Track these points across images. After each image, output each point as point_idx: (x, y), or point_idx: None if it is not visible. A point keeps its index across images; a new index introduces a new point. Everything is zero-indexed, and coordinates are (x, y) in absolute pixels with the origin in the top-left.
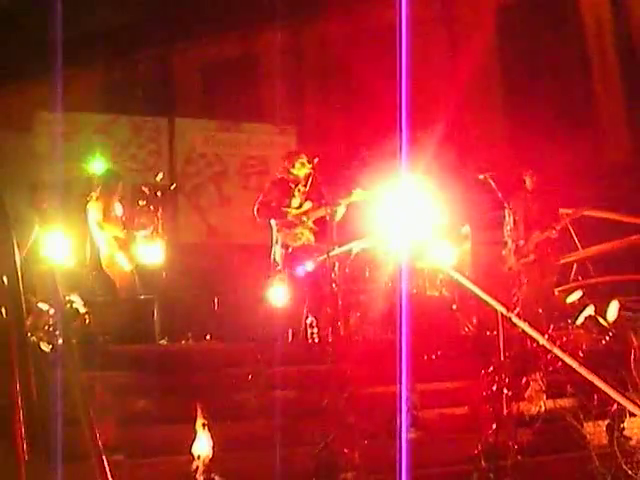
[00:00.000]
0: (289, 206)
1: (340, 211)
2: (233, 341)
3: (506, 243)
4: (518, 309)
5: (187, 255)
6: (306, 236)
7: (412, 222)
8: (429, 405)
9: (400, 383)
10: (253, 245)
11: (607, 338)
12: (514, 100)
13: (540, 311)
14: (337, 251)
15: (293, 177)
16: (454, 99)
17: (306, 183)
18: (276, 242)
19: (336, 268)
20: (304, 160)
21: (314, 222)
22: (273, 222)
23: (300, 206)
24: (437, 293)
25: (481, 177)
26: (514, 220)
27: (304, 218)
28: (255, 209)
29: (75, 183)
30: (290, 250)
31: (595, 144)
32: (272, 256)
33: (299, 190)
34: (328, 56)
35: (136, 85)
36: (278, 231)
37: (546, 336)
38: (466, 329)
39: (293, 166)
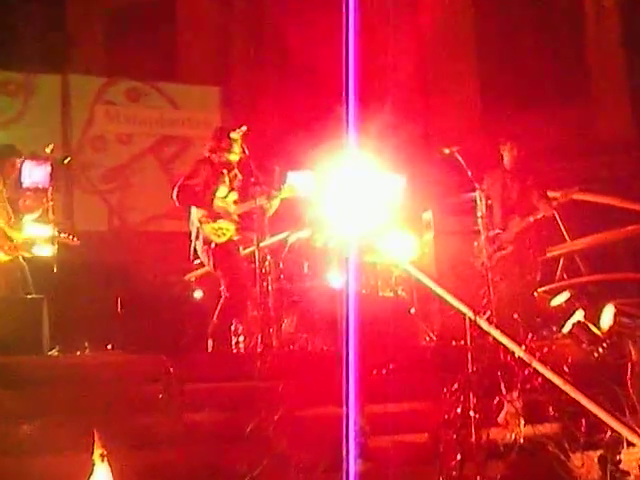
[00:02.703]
0: (214, 194)
1: (274, 205)
2: (140, 352)
3: (478, 232)
4: (489, 313)
5: (85, 246)
6: (232, 232)
7: (361, 208)
8: (380, 431)
9: (345, 404)
10: (167, 234)
11: (600, 350)
12: (490, 63)
13: (516, 316)
14: (268, 242)
15: (224, 160)
16: (415, 62)
17: (238, 170)
18: (197, 237)
19: (267, 263)
20: (238, 140)
21: (240, 216)
22: (194, 212)
23: (226, 196)
24: (392, 294)
25: (447, 151)
26: (487, 204)
27: (233, 209)
28: (175, 192)
29: None
30: (213, 246)
31: (587, 115)
32: (191, 252)
33: (229, 177)
34: (262, 4)
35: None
36: (200, 223)
37: (524, 347)
38: (427, 338)
39: (227, 147)
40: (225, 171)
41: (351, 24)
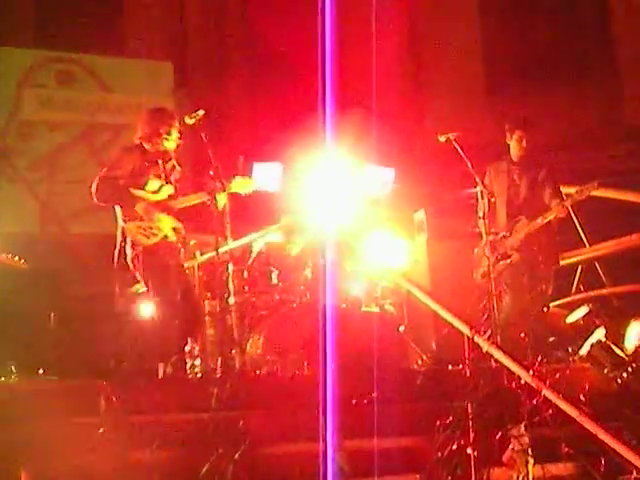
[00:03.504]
0: (143, 188)
1: (221, 200)
2: (77, 376)
3: (479, 236)
4: (491, 331)
5: (11, 250)
6: (165, 232)
7: (341, 207)
8: (363, 471)
9: (321, 439)
10: (110, 237)
11: (624, 375)
12: (497, 32)
13: (523, 335)
14: (230, 246)
15: (160, 148)
16: (406, 31)
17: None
18: (123, 239)
19: (229, 271)
20: (176, 125)
21: (184, 210)
22: (119, 209)
23: (159, 190)
24: (377, 308)
25: (443, 139)
26: (490, 203)
27: (173, 204)
28: (94, 186)
29: None
30: (140, 250)
31: (611, 98)
32: (116, 258)
33: (164, 167)
34: None
35: None
36: (125, 222)
37: (533, 371)
38: (418, 361)
39: (164, 132)
40: (160, 161)
41: None
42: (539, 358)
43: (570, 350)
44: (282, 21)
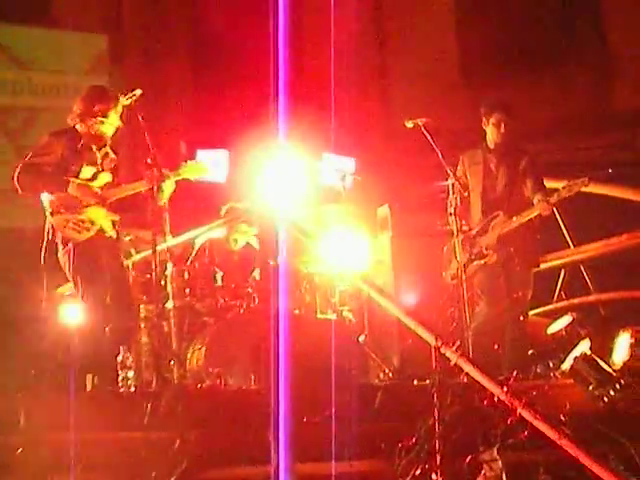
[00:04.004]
0: (77, 175)
1: (168, 189)
2: None
3: (449, 234)
4: (461, 342)
5: None
6: (100, 224)
7: (293, 200)
8: None
9: (272, 462)
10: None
11: (611, 393)
12: (472, 12)
13: (497, 346)
14: (169, 243)
15: (96, 132)
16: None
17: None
18: (50, 235)
19: (168, 272)
20: (119, 107)
21: (120, 202)
22: (46, 198)
23: (94, 177)
24: (334, 315)
25: (410, 125)
26: (463, 197)
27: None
28: (16, 174)
29: None
30: (71, 247)
31: (602, 81)
32: (43, 256)
33: (99, 154)
34: None
35: None
36: (53, 214)
37: (507, 388)
38: (380, 375)
39: (102, 113)
40: (94, 147)
41: None
42: (515, 373)
43: (551, 364)
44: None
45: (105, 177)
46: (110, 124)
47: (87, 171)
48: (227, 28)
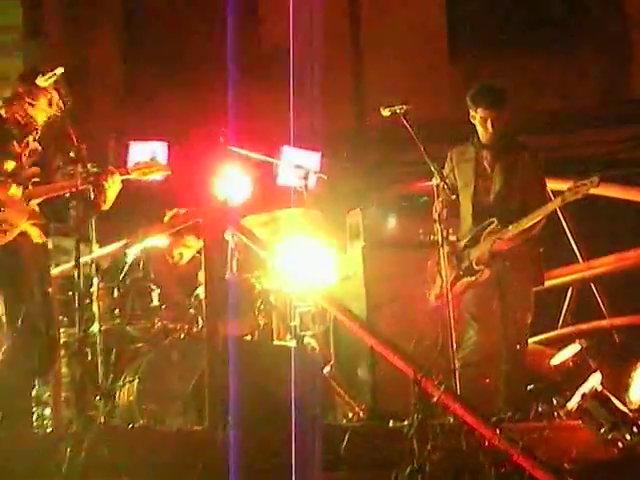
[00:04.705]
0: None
1: (111, 192)
2: None
3: (433, 245)
4: (446, 375)
5: None
6: (22, 227)
7: (247, 202)
8: None
9: None
10: None
11: (627, 436)
12: None
13: (488, 380)
14: (96, 254)
15: (24, 116)
16: None
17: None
18: None
19: (94, 289)
20: (50, 90)
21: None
22: None
23: (15, 173)
24: (295, 342)
25: (387, 114)
26: (450, 201)
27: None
28: None
29: None
30: None
31: (616, 66)
32: None
33: (20, 145)
34: None
35: None
36: None
37: (501, 430)
38: (349, 414)
39: (30, 97)
40: (18, 136)
41: None
42: (511, 412)
43: (555, 402)
44: None
45: (29, 172)
46: (41, 110)
47: (8, 164)
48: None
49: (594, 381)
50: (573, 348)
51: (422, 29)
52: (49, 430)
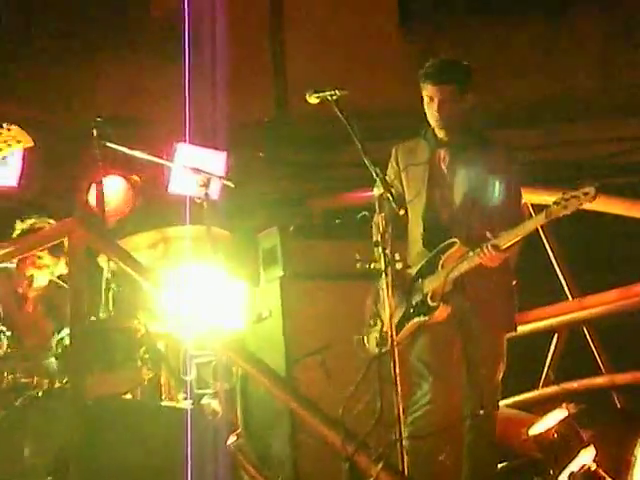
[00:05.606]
0: None
1: None
2: None
3: (375, 275)
4: (386, 446)
5: None
6: None
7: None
8: None
9: None
10: None
11: None
12: None
13: (444, 456)
14: None
15: None
16: None
17: None
18: None
19: None
20: None
21: None
22: None
23: None
24: (190, 403)
25: (315, 100)
26: (396, 215)
27: None
28: None
29: None
30: None
31: (617, 47)
32: None
33: None
34: None
35: None
36: None
37: None
38: None
39: None
40: None
41: None
42: None
43: None
44: None
45: None
46: None
47: None
48: None
49: (586, 458)
50: (558, 414)
51: None
52: None
